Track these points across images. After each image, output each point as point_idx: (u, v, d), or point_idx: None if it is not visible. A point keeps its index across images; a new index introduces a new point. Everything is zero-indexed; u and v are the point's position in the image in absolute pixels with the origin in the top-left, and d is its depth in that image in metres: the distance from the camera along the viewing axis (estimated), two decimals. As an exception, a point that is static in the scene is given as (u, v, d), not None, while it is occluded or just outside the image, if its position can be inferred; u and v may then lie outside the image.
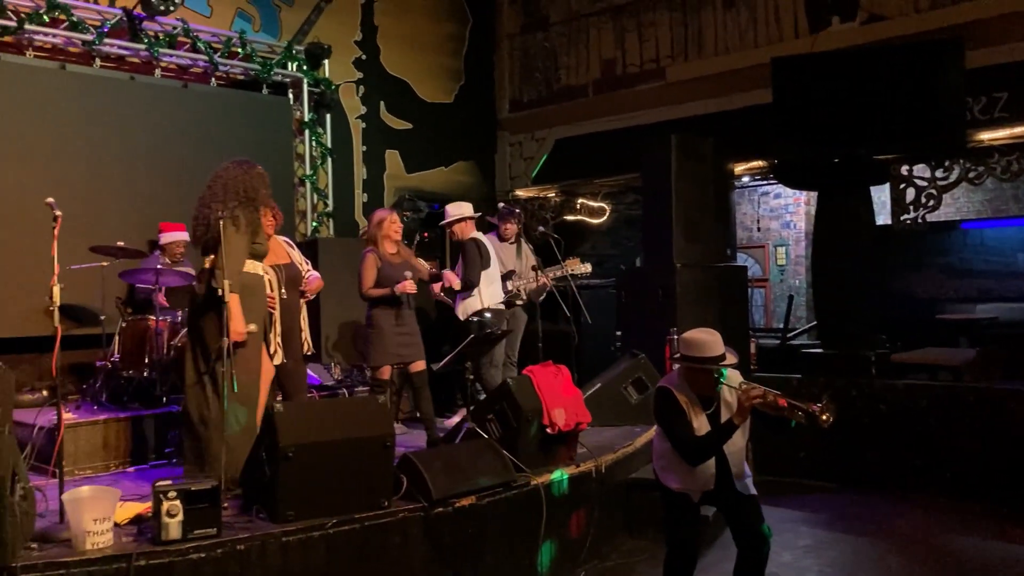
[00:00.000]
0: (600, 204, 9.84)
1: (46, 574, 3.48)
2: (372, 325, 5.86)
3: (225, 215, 4.58)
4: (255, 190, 4.79)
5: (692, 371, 4.07)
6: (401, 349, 5.80)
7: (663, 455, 4.17)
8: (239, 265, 4.64)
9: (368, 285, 5.85)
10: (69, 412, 5.86)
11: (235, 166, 4.87)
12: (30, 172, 6.80)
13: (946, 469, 6.57)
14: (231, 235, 4.59)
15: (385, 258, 5.91)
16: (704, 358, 4.01)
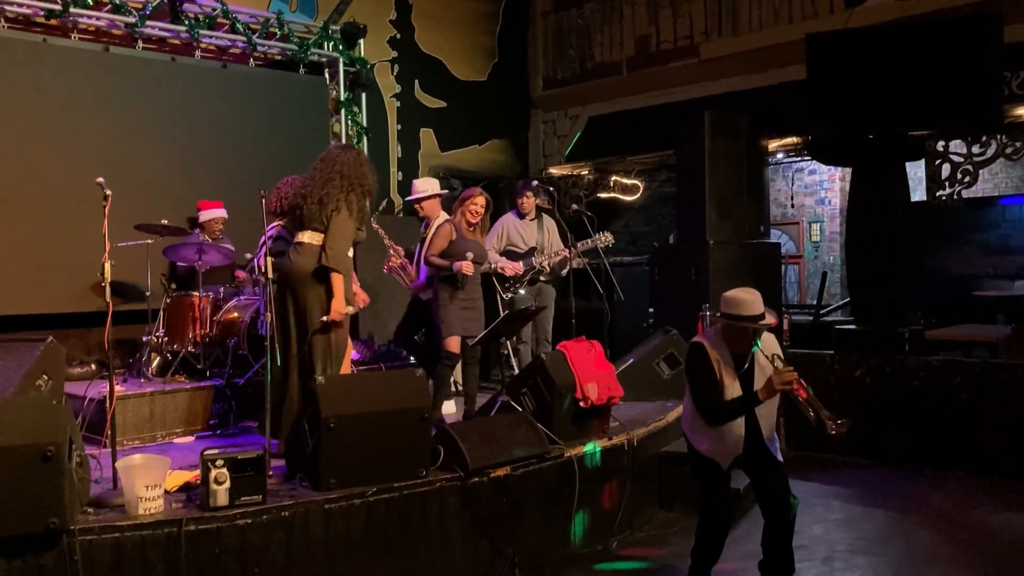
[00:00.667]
0: (633, 181, 9.87)
1: (102, 537, 3.65)
2: (436, 297, 5.87)
3: (341, 202, 4.87)
4: (365, 177, 5.09)
5: (730, 328, 4.14)
6: (466, 323, 5.78)
7: (695, 417, 4.23)
8: (347, 248, 4.93)
9: (435, 252, 5.86)
10: (117, 385, 6.04)
11: (345, 151, 5.20)
12: (76, 153, 6.97)
13: (979, 446, 6.56)
14: (344, 218, 4.90)
15: (460, 232, 5.94)
16: (742, 316, 4.07)
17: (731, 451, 4.14)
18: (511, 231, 7.30)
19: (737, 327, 4.09)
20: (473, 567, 4.51)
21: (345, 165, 5.03)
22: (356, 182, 5.01)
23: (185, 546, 3.72)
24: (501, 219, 7.41)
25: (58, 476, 3.53)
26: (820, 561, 4.85)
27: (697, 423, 4.21)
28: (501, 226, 7.35)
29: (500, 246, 7.30)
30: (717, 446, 4.14)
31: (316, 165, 5.13)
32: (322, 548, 4.05)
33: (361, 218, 5.12)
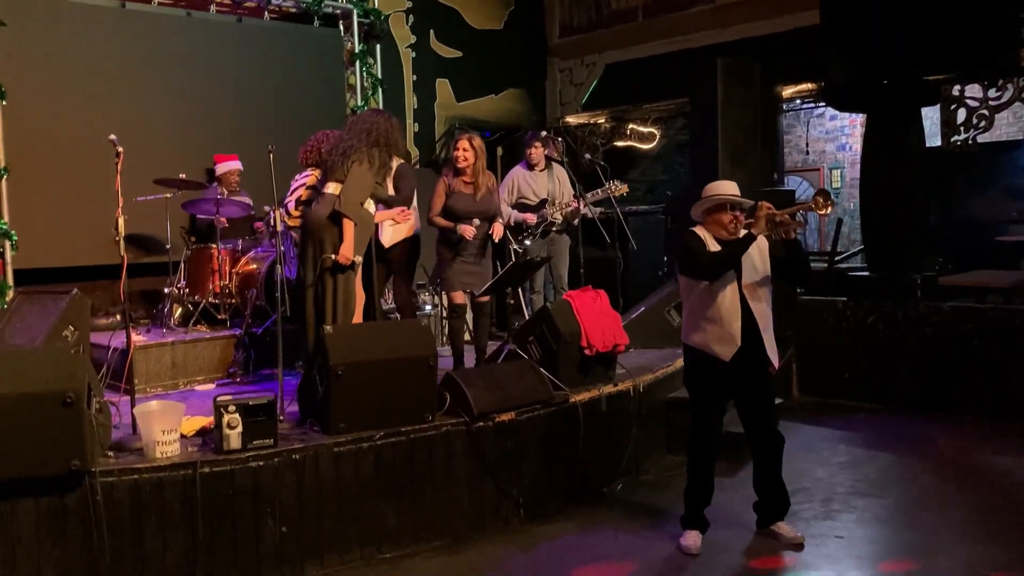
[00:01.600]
0: (650, 129, 9.85)
1: (121, 479, 3.85)
2: (438, 253, 5.89)
3: (362, 150, 5.12)
4: (393, 137, 5.33)
5: (712, 217, 4.29)
6: (467, 278, 5.75)
7: (689, 314, 4.35)
8: (361, 198, 5.15)
9: (434, 212, 5.78)
10: (140, 335, 6.27)
11: (375, 114, 5.56)
12: (96, 110, 7.10)
13: (990, 392, 6.60)
14: (363, 170, 5.14)
15: (454, 188, 5.78)
16: (717, 195, 4.29)
17: (731, 338, 4.20)
18: (521, 183, 7.30)
19: (716, 211, 4.27)
20: (480, 508, 4.67)
21: (374, 124, 5.30)
22: (382, 139, 5.26)
23: (200, 487, 3.92)
24: (511, 172, 7.42)
25: (78, 421, 3.72)
26: (819, 502, 4.96)
27: (694, 319, 4.30)
28: (511, 179, 7.35)
29: (511, 199, 7.31)
30: (717, 334, 4.21)
31: (348, 124, 5.43)
32: (332, 489, 4.24)
33: (384, 174, 5.37)
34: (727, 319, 4.19)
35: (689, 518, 4.39)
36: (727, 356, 4.20)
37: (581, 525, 4.78)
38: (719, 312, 4.20)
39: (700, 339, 4.28)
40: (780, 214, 4.17)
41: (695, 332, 4.31)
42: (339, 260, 5.08)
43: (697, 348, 4.31)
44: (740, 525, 4.58)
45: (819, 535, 4.47)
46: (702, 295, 4.25)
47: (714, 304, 4.21)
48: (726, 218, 4.27)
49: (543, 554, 4.40)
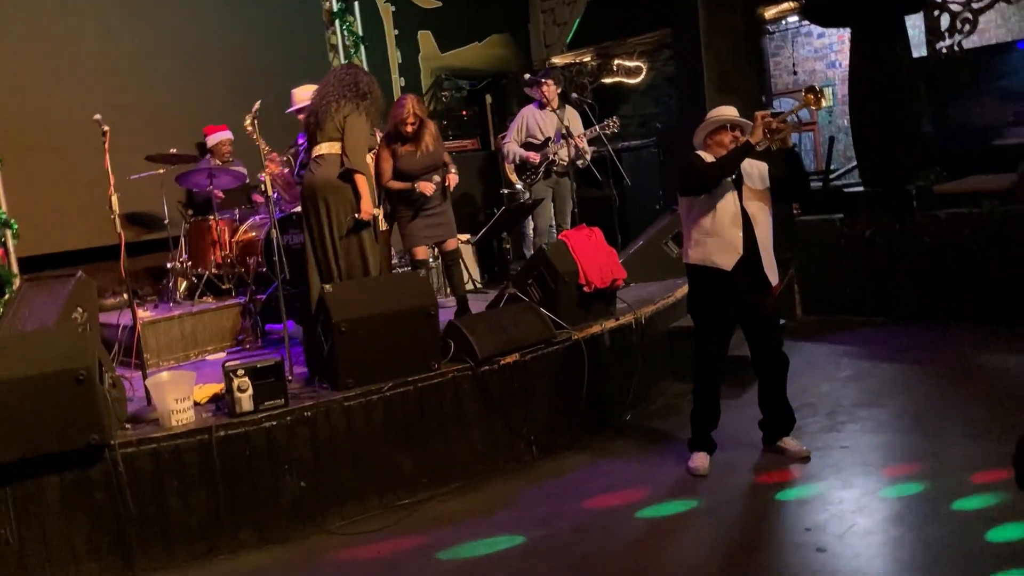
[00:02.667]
0: (636, 63, 9.78)
1: (140, 448, 3.98)
2: (396, 213, 5.86)
3: (352, 106, 5.06)
4: (374, 91, 5.24)
5: (713, 139, 4.41)
6: (429, 231, 5.79)
7: (690, 233, 4.43)
8: (364, 151, 5.13)
9: (385, 178, 5.72)
10: (148, 311, 6.37)
11: (352, 67, 5.46)
12: (82, 90, 7.08)
13: (991, 296, 6.63)
14: (360, 122, 5.08)
15: (398, 150, 5.70)
16: (717, 117, 4.44)
17: (732, 248, 4.28)
18: (530, 122, 7.30)
19: (717, 132, 4.40)
20: (492, 448, 4.79)
21: (357, 77, 5.23)
22: (364, 90, 5.18)
23: (217, 450, 4.04)
24: (521, 111, 7.45)
25: (92, 396, 3.83)
26: (824, 416, 5.05)
27: (695, 236, 4.39)
28: (520, 119, 7.37)
29: (521, 138, 7.34)
30: (718, 244, 4.30)
31: (324, 82, 5.29)
32: (346, 442, 4.36)
33: (373, 126, 5.34)
34: (728, 230, 4.28)
35: (696, 440, 4.50)
36: (729, 265, 4.27)
37: (592, 457, 4.90)
38: (720, 224, 4.29)
39: (701, 253, 4.36)
40: (775, 120, 4.24)
41: (696, 248, 4.39)
42: (363, 217, 5.04)
43: (699, 264, 4.39)
44: (747, 444, 4.69)
45: (824, 447, 4.58)
46: (703, 211, 4.33)
47: (715, 218, 4.30)
48: (726, 138, 4.37)
49: (556, 487, 4.52)
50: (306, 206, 5.16)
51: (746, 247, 4.28)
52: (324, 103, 5.08)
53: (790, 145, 4.37)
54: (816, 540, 3.59)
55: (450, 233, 5.90)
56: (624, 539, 3.86)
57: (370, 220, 5.12)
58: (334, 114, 5.04)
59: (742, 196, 4.35)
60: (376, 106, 5.20)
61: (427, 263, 6.07)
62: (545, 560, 3.74)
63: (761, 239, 4.32)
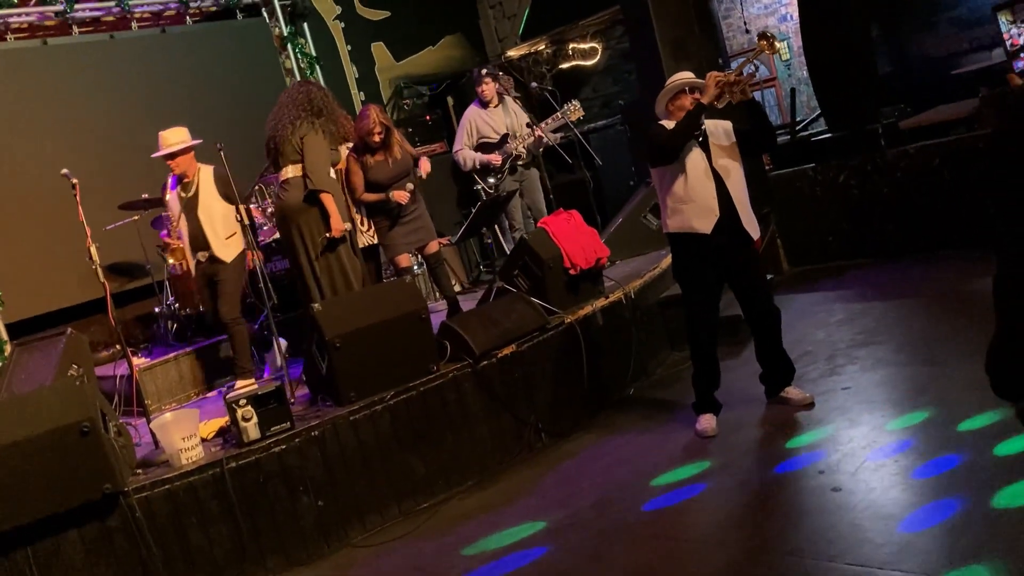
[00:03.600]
0: (591, 45, 9.81)
1: (154, 491, 3.99)
2: (377, 228, 5.82)
3: (307, 125, 5.06)
4: (328, 104, 5.28)
5: (675, 104, 4.46)
6: (410, 236, 5.77)
7: (666, 204, 4.47)
8: (328, 168, 5.13)
9: (358, 192, 5.66)
10: (142, 358, 6.38)
11: (304, 84, 5.45)
12: (46, 149, 7.08)
13: (969, 221, 6.69)
14: (317, 140, 5.09)
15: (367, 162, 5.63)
16: (678, 82, 4.49)
17: (709, 210, 4.32)
18: (479, 123, 7.33)
19: (677, 98, 4.46)
20: (501, 440, 4.83)
21: (309, 94, 5.24)
22: (318, 106, 5.20)
23: (231, 482, 4.06)
24: (465, 114, 7.44)
25: (99, 447, 3.84)
26: (823, 361, 5.10)
27: (671, 205, 4.43)
28: (467, 121, 7.37)
29: (472, 141, 7.33)
30: (694, 210, 4.34)
31: (279, 103, 5.31)
32: (357, 454, 4.39)
33: (333, 140, 5.31)
34: (702, 194, 4.32)
35: (701, 403, 4.55)
36: (708, 228, 4.32)
37: (600, 434, 4.94)
38: (693, 190, 4.33)
39: (679, 221, 4.40)
40: (728, 75, 4.28)
41: (674, 217, 4.43)
42: (334, 235, 5.07)
43: (678, 232, 4.43)
44: (751, 400, 4.73)
45: (827, 391, 4.62)
46: (675, 179, 4.38)
47: (687, 184, 4.34)
48: (687, 101, 4.41)
49: (570, 468, 4.56)
50: (281, 232, 5.20)
51: (722, 207, 4.32)
52: (280, 126, 5.09)
53: (750, 96, 4.41)
54: (830, 481, 3.63)
55: (430, 236, 5.91)
56: (643, 507, 3.90)
57: (343, 236, 5.14)
58: (291, 136, 5.05)
59: (711, 156, 4.39)
60: (333, 120, 5.19)
61: (411, 270, 6.08)
62: (569, 539, 3.77)
63: (736, 196, 4.36)
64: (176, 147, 5.42)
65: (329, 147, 5.19)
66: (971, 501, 3.18)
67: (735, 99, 4.39)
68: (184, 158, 5.48)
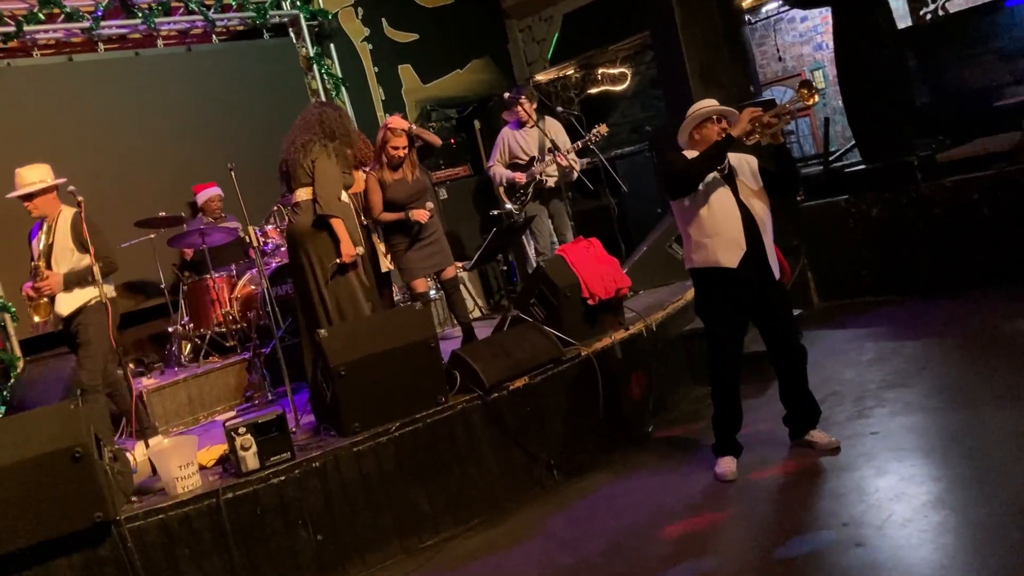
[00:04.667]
0: (620, 70, 9.68)
1: (148, 521, 3.85)
2: (393, 248, 5.76)
3: (319, 148, 4.92)
4: (343, 126, 5.14)
5: (700, 134, 4.26)
6: (427, 260, 5.70)
7: (689, 237, 4.25)
8: (337, 192, 4.96)
9: (376, 210, 5.64)
10: (153, 378, 6.28)
11: (320, 105, 5.31)
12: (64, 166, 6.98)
13: (1007, 258, 6.44)
14: (328, 164, 4.94)
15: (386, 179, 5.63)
16: (699, 110, 4.28)
17: (735, 243, 4.11)
18: (511, 143, 7.20)
19: (703, 126, 4.25)
20: (511, 476, 4.64)
21: (324, 115, 5.10)
22: (331, 128, 5.05)
23: (226, 513, 3.91)
24: (501, 133, 7.34)
25: (91, 473, 3.71)
26: (851, 403, 4.86)
27: (695, 239, 4.22)
28: (502, 140, 7.27)
29: (505, 160, 7.24)
30: (720, 243, 4.12)
31: (294, 125, 5.19)
32: (359, 489, 4.22)
33: (347, 164, 5.17)
34: (728, 227, 4.12)
35: (721, 445, 4.33)
36: (734, 262, 4.10)
37: (616, 473, 4.74)
38: (719, 223, 4.13)
39: (703, 256, 4.19)
40: (766, 115, 4.08)
41: (698, 251, 4.22)
42: (345, 260, 4.91)
43: (702, 267, 4.22)
44: (774, 442, 4.51)
45: (854, 435, 4.39)
46: (698, 212, 4.17)
47: (712, 216, 4.14)
48: (713, 131, 4.22)
49: (582, 510, 4.36)
50: (290, 255, 5.07)
51: (749, 241, 4.11)
52: (293, 148, 4.96)
53: (781, 141, 4.21)
54: (854, 535, 3.41)
55: (447, 261, 5.80)
56: (655, 555, 3.69)
57: (355, 261, 4.99)
58: (302, 160, 4.90)
59: (736, 190, 4.19)
60: (348, 143, 5.07)
61: (427, 296, 5.94)
62: (575, 588, 3.58)
63: (763, 232, 4.16)
64: (34, 187, 4.82)
65: (342, 171, 5.05)
66: (1008, 562, 2.94)
67: (764, 140, 4.19)
68: (42, 199, 4.87)
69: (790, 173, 4.32)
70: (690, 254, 4.27)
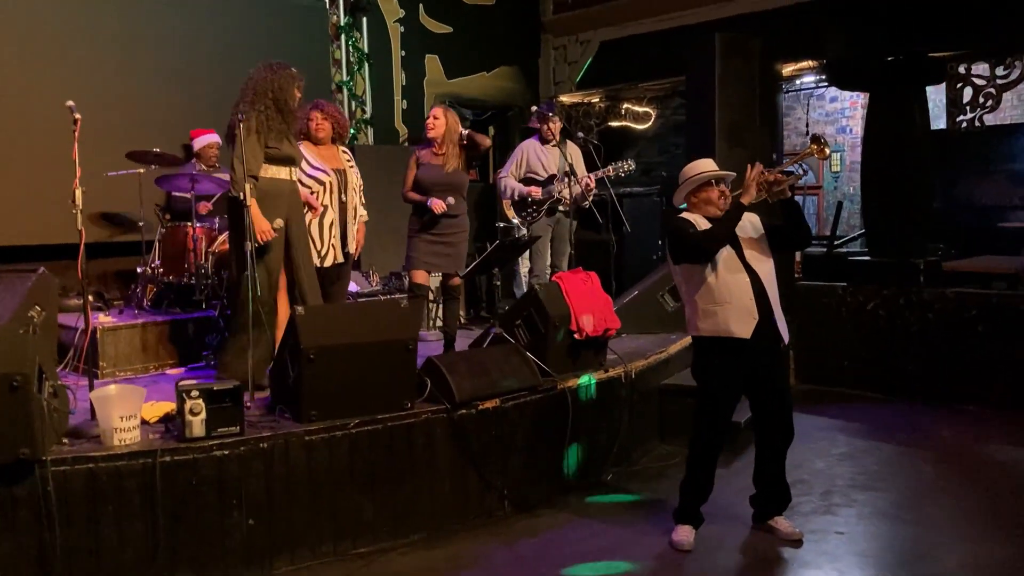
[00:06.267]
0: (646, 109, 9.57)
1: (75, 467, 3.59)
2: (409, 229, 5.69)
3: (242, 118, 4.55)
4: (281, 91, 4.76)
5: (699, 197, 4.10)
6: (431, 258, 5.58)
7: (694, 303, 4.05)
8: (252, 170, 4.63)
9: (406, 187, 5.66)
10: (111, 316, 6.00)
11: (264, 68, 4.85)
12: (69, 82, 6.74)
13: (994, 381, 6.38)
14: (248, 141, 4.59)
15: (423, 159, 5.64)
16: (702, 172, 4.10)
17: (747, 313, 3.91)
18: (531, 157, 6.96)
19: (702, 190, 4.09)
20: (462, 499, 4.43)
21: (254, 82, 4.74)
22: (262, 93, 4.69)
23: (160, 476, 3.67)
24: (521, 145, 7.11)
25: (27, 406, 3.46)
26: (818, 496, 4.73)
27: (701, 306, 4.01)
28: (521, 152, 7.02)
29: (520, 173, 6.97)
30: (731, 312, 3.92)
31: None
32: (304, 480, 3.98)
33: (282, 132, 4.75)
34: (739, 295, 3.93)
35: (683, 513, 4.14)
36: (747, 333, 3.91)
37: (568, 518, 4.54)
38: (728, 290, 3.93)
39: (712, 325, 3.98)
40: (772, 172, 3.94)
41: (706, 319, 4.01)
42: (260, 239, 4.57)
43: (710, 336, 4.01)
44: (734, 518, 4.35)
45: (819, 530, 4.24)
46: (705, 277, 3.98)
47: (721, 284, 3.95)
48: (713, 194, 4.06)
49: (528, 548, 4.16)
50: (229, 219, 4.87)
51: (759, 307, 3.95)
52: (233, 109, 4.63)
53: (788, 196, 4.06)
54: (810, 639, 3.24)
55: (457, 268, 5.64)
56: (598, 617, 3.51)
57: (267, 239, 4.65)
58: (231, 127, 4.60)
59: (741, 251, 4.02)
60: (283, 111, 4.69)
61: (424, 289, 5.75)
62: (509, 634, 3.38)
63: (771, 294, 4.00)
64: None
65: (263, 144, 4.65)
66: None
67: (772, 199, 4.04)
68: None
69: (798, 224, 4.13)
70: (696, 322, 4.07)
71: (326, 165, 5.37)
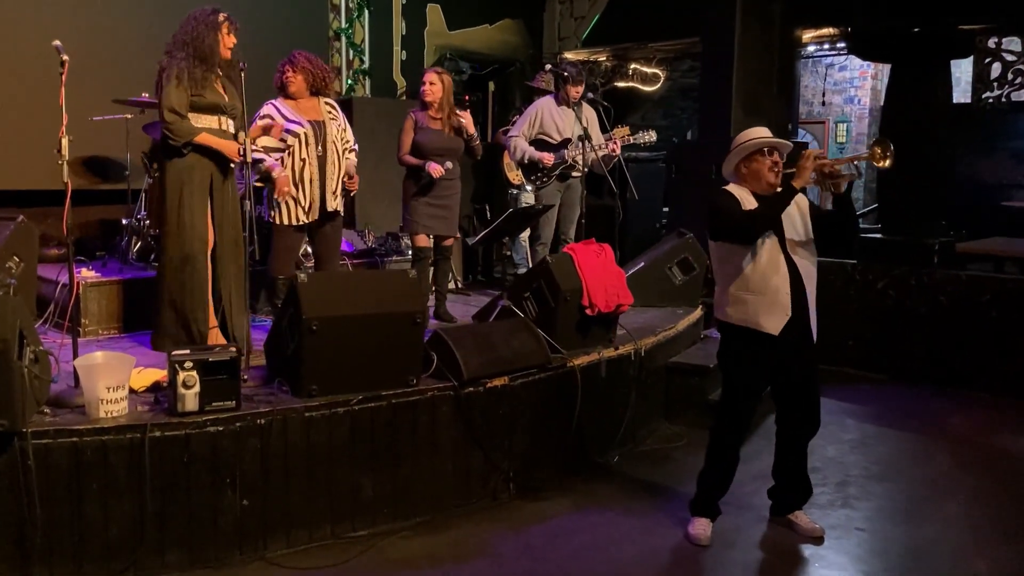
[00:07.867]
0: (654, 70, 9.24)
1: (58, 441, 3.35)
2: (404, 192, 5.66)
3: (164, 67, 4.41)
4: (200, 39, 4.47)
5: (750, 168, 3.78)
6: (430, 220, 5.57)
7: (727, 286, 3.80)
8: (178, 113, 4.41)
9: (403, 150, 5.61)
10: (93, 270, 5.71)
11: (187, 18, 4.57)
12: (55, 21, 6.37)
13: (1006, 366, 6.23)
14: (167, 90, 4.41)
15: (422, 123, 5.58)
16: (752, 139, 3.77)
17: (780, 309, 3.67)
18: (545, 117, 6.53)
19: (753, 159, 3.76)
20: (465, 481, 4.22)
21: (177, 34, 4.51)
22: (181, 43, 4.46)
23: (150, 453, 3.42)
24: (536, 103, 6.67)
25: (6, 375, 3.21)
26: (834, 487, 4.56)
27: (733, 291, 3.77)
28: (535, 110, 6.58)
29: (531, 133, 6.56)
30: (763, 304, 3.68)
31: None
32: (302, 459, 3.75)
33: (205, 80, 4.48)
34: (774, 288, 3.67)
35: (701, 505, 3.94)
36: (776, 329, 3.67)
37: (576, 502, 4.34)
38: (765, 281, 3.68)
39: (742, 314, 3.74)
40: (830, 163, 3.67)
41: (736, 306, 3.76)
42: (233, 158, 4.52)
43: (738, 325, 3.77)
44: (751, 511, 4.18)
45: (838, 526, 4.07)
46: (742, 261, 3.71)
47: (758, 273, 3.69)
48: (765, 166, 3.73)
49: (537, 535, 3.95)
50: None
51: (794, 304, 3.70)
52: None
53: (841, 191, 3.81)
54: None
55: (450, 231, 5.64)
56: (613, 617, 3.32)
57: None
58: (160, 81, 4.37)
59: (783, 240, 3.75)
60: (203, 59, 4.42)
61: (428, 251, 5.64)
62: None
63: (809, 293, 3.75)
64: None
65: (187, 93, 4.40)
66: None
67: (826, 190, 3.80)
68: None
69: (851, 224, 3.92)
70: (724, 306, 3.83)
71: (302, 117, 5.10)
